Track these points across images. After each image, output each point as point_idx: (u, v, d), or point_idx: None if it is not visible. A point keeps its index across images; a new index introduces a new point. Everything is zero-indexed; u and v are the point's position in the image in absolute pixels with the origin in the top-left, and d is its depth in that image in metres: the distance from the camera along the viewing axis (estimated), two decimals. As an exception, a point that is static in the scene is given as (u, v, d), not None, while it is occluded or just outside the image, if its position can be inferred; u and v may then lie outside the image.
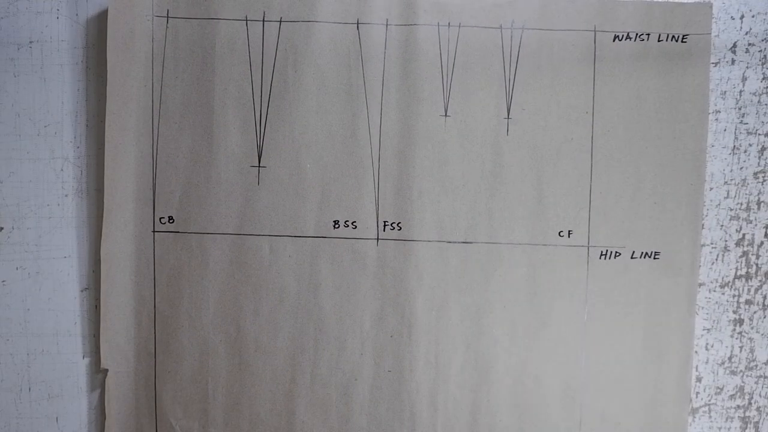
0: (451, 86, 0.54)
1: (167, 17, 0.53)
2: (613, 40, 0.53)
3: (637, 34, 0.53)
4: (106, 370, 0.55)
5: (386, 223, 0.54)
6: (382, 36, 0.53)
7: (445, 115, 0.54)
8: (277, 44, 0.53)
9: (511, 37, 0.53)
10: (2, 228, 0.54)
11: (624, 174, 0.54)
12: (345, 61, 0.54)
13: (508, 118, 0.54)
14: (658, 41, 0.53)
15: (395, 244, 0.55)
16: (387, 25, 0.53)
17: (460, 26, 0.53)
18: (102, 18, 0.54)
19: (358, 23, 0.53)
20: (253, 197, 0.54)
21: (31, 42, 0.54)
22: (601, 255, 0.55)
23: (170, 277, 0.55)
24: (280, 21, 0.53)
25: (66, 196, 0.55)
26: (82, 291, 0.55)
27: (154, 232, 0.54)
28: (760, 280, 0.56)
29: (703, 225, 0.56)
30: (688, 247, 0.55)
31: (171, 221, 0.54)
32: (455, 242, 0.55)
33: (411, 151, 0.54)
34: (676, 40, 0.53)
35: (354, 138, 0.54)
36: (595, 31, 0.53)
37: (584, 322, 0.55)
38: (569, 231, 0.55)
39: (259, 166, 0.54)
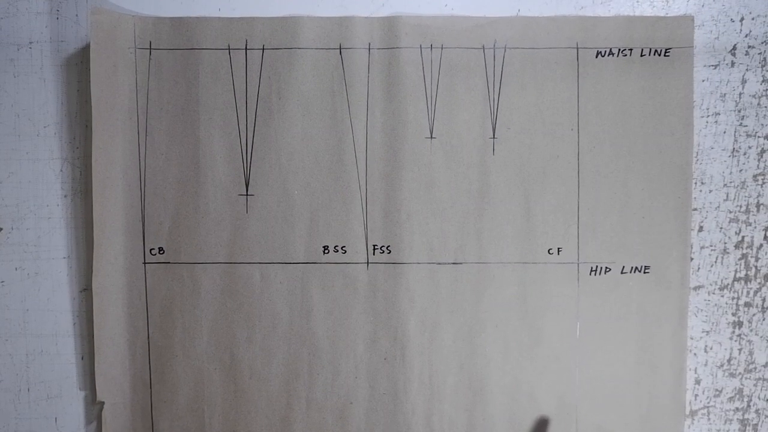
0: (435, 108, 0.54)
1: (150, 49, 0.53)
2: (596, 56, 0.53)
3: (619, 50, 0.53)
4: (103, 403, 0.55)
5: (376, 247, 0.55)
6: (365, 60, 0.53)
7: (431, 137, 0.54)
8: (261, 72, 0.53)
9: (494, 56, 0.53)
10: (1, 228, 0.54)
11: (611, 189, 0.54)
12: (329, 86, 0.54)
13: (494, 137, 0.54)
14: (641, 56, 0.53)
15: (385, 267, 0.55)
16: (369, 49, 0.53)
17: (442, 48, 0.53)
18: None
19: (340, 48, 0.53)
20: (242, 225, 0.54)
21: (30, 43, 0.54)
22: (592, 271, 0.55)
23: (163, 307, 0.55)
24: (263, 49, 0.53)
25: (65, 196, 0.55)
26: (81, 292, 0.55)
27: (144, 263, 0.55)
28: (759, 283, 0.56)
29: (701, 227, 0.56)
30: (677, 260, 0.55)
31: (161, 252, 0.54)
32: (445, 263, 0.55)
33: (398, 174, 0.54)
34: (659, 54, 0.53)
35: (341, 163, 0.54)
36: (577, 48, 0.53)
37: (577, 337, 0.55)
38: (559, 248, 0.55)
39: (247, 195, 0.54)
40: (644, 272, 0.55)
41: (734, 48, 0.55)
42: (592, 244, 0.55)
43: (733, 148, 0.55)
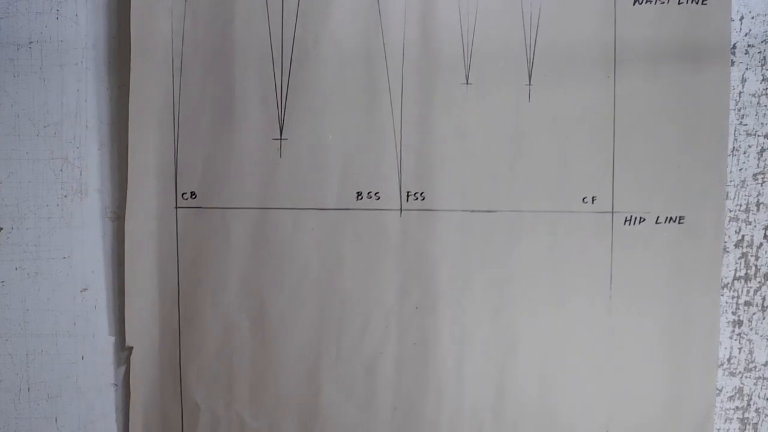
0: (471, 53, 0.54)
1: (185, -8, 0.53)
2: (633, 4, 0.53)
3: (656, -2, 0.53)
4: (131, 348, 0.54)
5: (409, 193, 0.54)
6: (401, 4, 0.53)
7: (467, 83, 0.54)
8: (297, 15, 0.53)
9: (531, 2, 0.53)
10: (1, 228, 0.54)
11: (647, 138, 0.54)
12: (364, 30, 0.53)
13: (529, 84, 0.54)
14: (678, 4, 0.53)
15: (419, 214, 0.54)
16: (406, -7, 0.53)
17: (479, -7, 0.53)
18: (100, 18, 0.54)
19: (377, -8, 0.53)
20: (275, 170, 0.54)
21: (30, 42, 0.53)
22: (626, 221, 0.54)
23: (193, 253, 0.54)
24: (299, -8, 0.53)
25: (65, 196, 0.54)
26: (81, 291, 0.55)
27: (176, 208, 0.54)
28: (759, 282, 0.56)
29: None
30: (712, 211, 0.54)
31: (193, 197, 0.54)
32: (478, 211, 0.54)
33: (433, 120, 0.54)
34: (697, 3, 0.53)
35: (375, 108, 0.54)
36: (615, -5, 0.53)
37: (609, 289, 0.55)
38: (593, 197, 0.54)
39: (280, 139, 0.54)
40: (679, 223, 0.54)
41: (734, 47, 0.55)
42: (626, 194, 0.54)
43: (733, 147, 0.55)
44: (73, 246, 0.55)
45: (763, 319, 0.56)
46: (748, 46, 0.55)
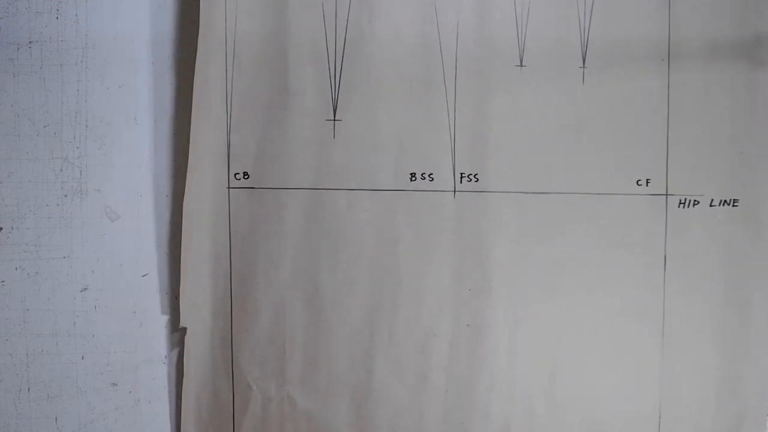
0: (526, 36, 0.54)
1: (240, -28, 0.53)
2: (689, -14, 0.53)
3: (712, -20, 0.53)
4: (185, 329, 0.54)
5: (463, 175, 0.54)
6: (456, -14, 0.53)
7: (521, 65, 0.54)
8: (352, -4, 0.53)
9: (586, -16, 0.53)
10: (1, 228, 0.54)
11: (701, 120, 0.54)
12: (419, 11, 0.53)
13: (584, 67, 0.54)
14: (734, -14, 0.53)
15: (473, 195, 0.54)
16: (460, -25, 0.53)
17: (534, -25, 0.53)
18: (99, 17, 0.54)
19: (431, -26, 0.53)
20: (329, 151, 0.54)
21: (30, 42, 0.53)
22: (680, 203, 0.54)
23: (246, 233, 0.54)
24: (354, -26, 0.53)
25: (65, 196, 0.54)
26: (81, 291, 0.55)
27: (229, 188, 0.54)
28: None
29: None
30: (767, 194, 0.54)
31: (246, 177, 0.54)
32: (533, 193, 0.54)
33: (487, 102, 0.54)
34: (753, -15, 0.53)
35: (429, 89, 0.54)
36: (670, -24, 0.53)
37: (663, 271, 0.55)
38: (647, 180, 0.54)
39: (334, 120, 0.54)
40: (733, 206, 0.54)
41: None
42: (680, 176, 0.54)
43: None
44: (73, 246, 0.54)
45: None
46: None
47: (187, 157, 0.53)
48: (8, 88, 0.53)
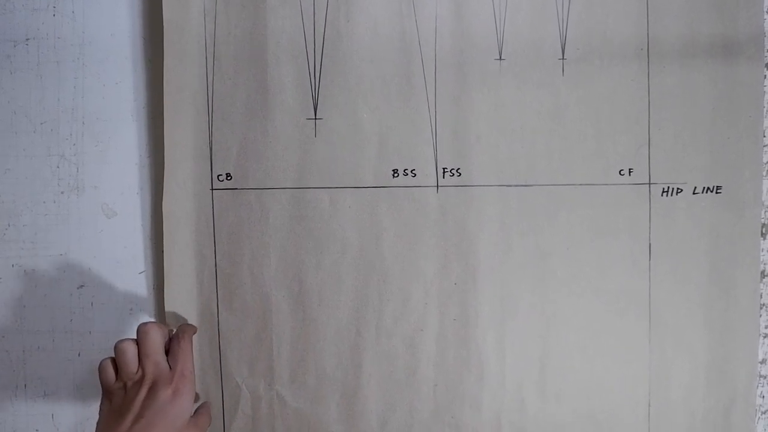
0: (504, 29, 0.53)
1: (217, -27, 0.53)
2: (666, -26, 0.53)
3: (689, -32, 0.53)
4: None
5: (445, 170, 0.54)
6: (433, -19, 0.53)
7: (500, 59, 0.54)
8: (329, -6, 0.53)
9: (563, -25, 0.53)
10: None
11: (682, 109, 0.54)
12: (397, 7, 0.53)
13: (563, 58, 0.54)
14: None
15: (455, 190, 0.54)
16: (437, -30, 0.53)
17: (510, -32, 0.53)
18: (96, 14, 0.54)
19: (408, -30, 0.53)
20: (311, 150, 0.54)
21: (27, 39, 0.54)
22: (663, 192, 0.54)
23: (230, 234, 0.54)
24: (331, -29, 0.53)
25: (62, 193, 0.54)
26: (78, 288, 0.55)
27: (212, 189, 0.54)
28: (763, 282, 0.56)
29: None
30: (750, 180, 0.54)
31: (229, 178, 0.54)
32: (516, 186, 0.54)
33: (467, 96, 0.54)
34: (730, -28, 0.53)
35: (409, 85, 0.54)
36: (647, -34, 0.53)
37: (648, 260, 0.55)
38: (630, 169, 0.54)
39: (315, 118, 0.54)
40: (716, 193, 0.54)
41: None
42: (663, 165, 0.54)
43: None
44: (70, 242, 0.55)
45: (759, 316, 0.56)
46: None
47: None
48: (5, 85, 0.54)
